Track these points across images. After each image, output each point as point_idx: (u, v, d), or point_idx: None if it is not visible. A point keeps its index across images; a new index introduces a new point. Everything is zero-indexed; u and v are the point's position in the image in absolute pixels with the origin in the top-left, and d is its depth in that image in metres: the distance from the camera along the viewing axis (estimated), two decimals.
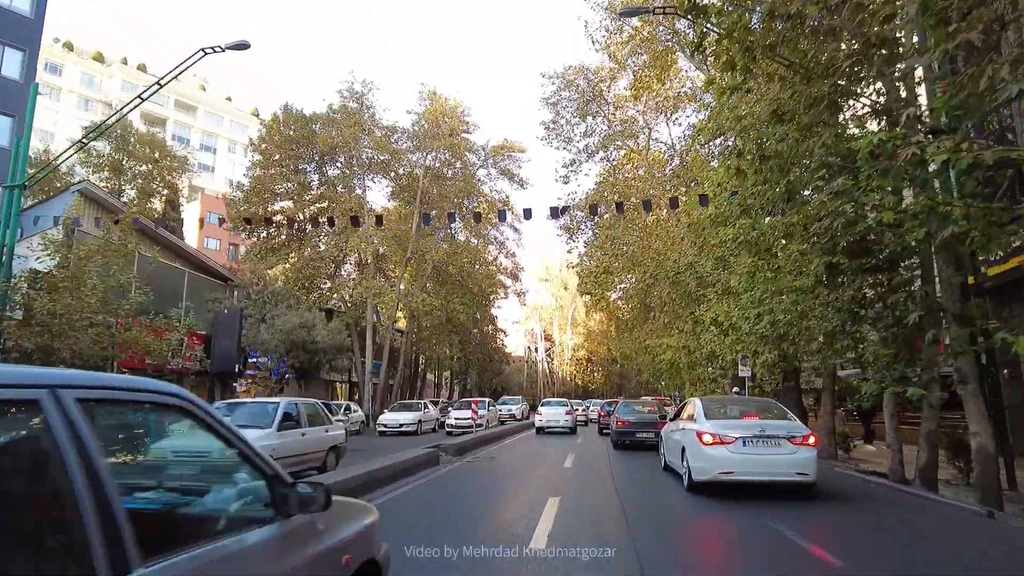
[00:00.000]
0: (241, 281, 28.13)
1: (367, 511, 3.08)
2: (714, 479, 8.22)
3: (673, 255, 21.74)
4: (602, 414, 25.82)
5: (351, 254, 34.16)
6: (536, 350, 72.35)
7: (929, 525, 7.36)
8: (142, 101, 14.43)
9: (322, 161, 33.88)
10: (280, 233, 33.24)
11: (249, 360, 25.99)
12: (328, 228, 33.44)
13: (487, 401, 27.95)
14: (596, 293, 28.60)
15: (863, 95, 9.09)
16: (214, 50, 14.15)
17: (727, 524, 7.23)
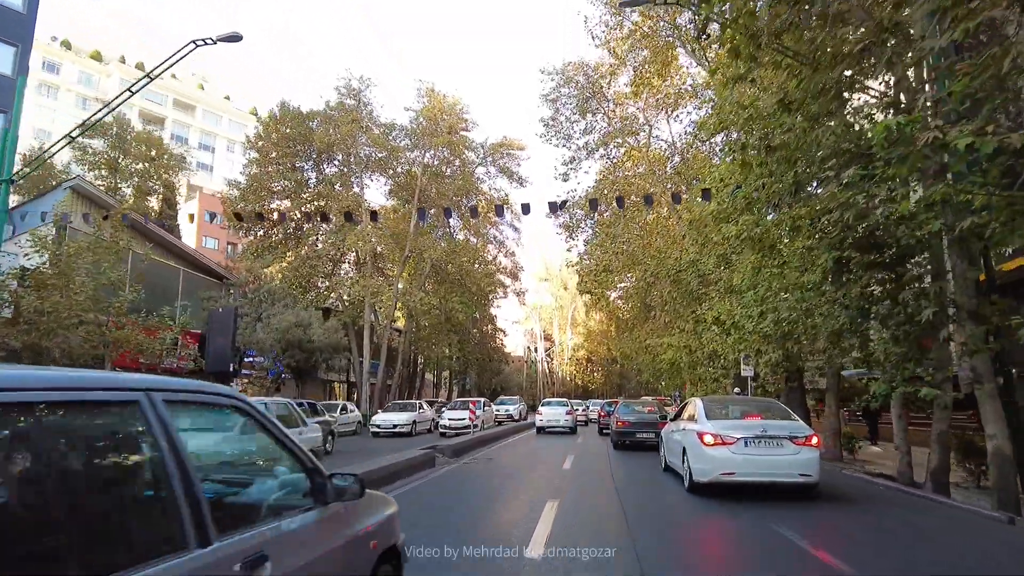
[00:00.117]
0: (237, 279, 27.81)
1: (388, 503, 3.40)
2: (715, 480, 8.09)
3: (674, 253, 21.42)
4: (602, 414, 25.65)
5: (349, 252, 33.83)
6: (536, 350, 72.00)
7: (943, 531, 7.05)
8: (132, 94, 14.15)
9: (319, 159, 33.55)
10: (277, 231, 32.95)
11: (245, 359, 25.66)
12: (325, 226, 33.24)
13: (483, 401, 27.16)
14: (596, 292, 28.29)
15: (870, 87, 8.80)
16: (205, 42, 13.89)
17: (731, 527, 6.95)
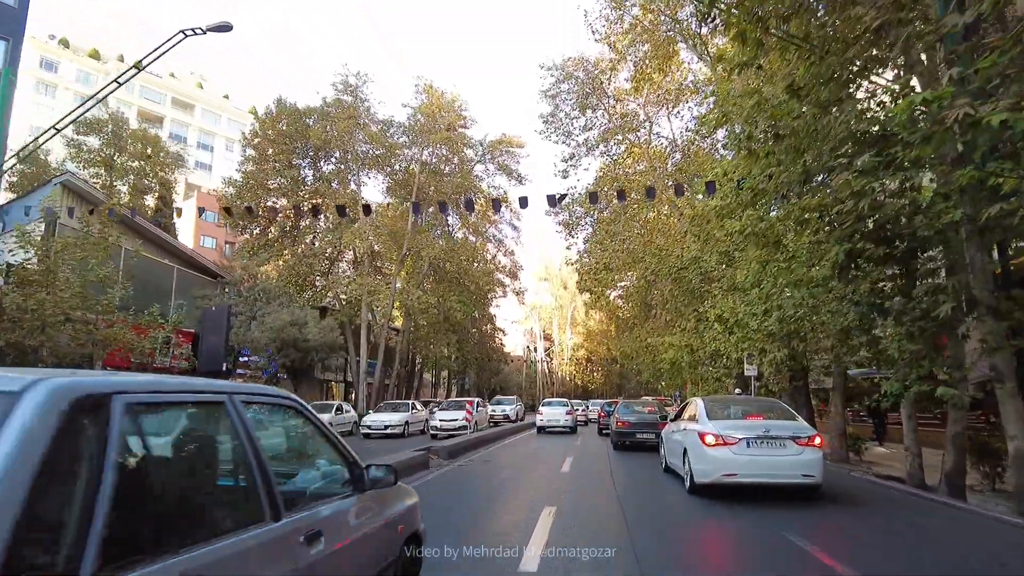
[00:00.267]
0: (232, 278, 27.42)
1: (412, 494, 3.74)
2: (717, 481, 7.90)
3: (676, 250, 21.04)
4: (601, 415, 25.53)
5: (346, 251, 33.43)
6: (535, 350, 71.58)
7: (962, 537, 6.69)
8: (120, 85, 13.82)
9: (316, 156, 33.16)
10: (273, 229, 32.57)
11: (240, 359, 25.27)
12: (321, 224, 32.85)
13: (476, 401, 26.19)
14: (596, 290, 27.93)
15: (881, 74, 8.43)
16: (195, 32, 13.55)
17: (737, 532, 6.63)
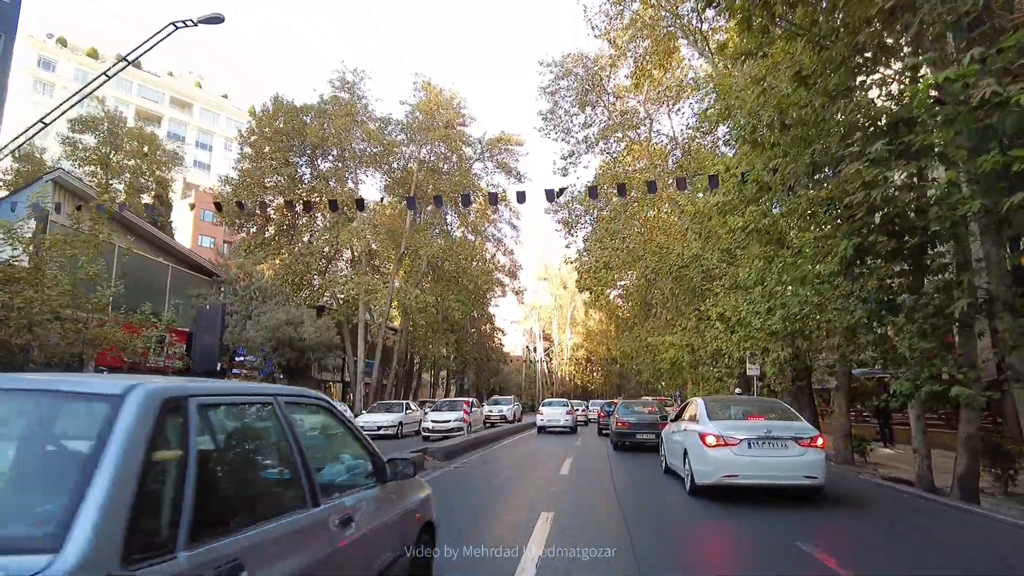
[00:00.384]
0: (227, 277, 27.10)
1: (425, 486, 3.98)
2: (718, 483, 7.80)
3: (676, 248, 20.73)
4: (601, 415, 25.39)
5: (343, 249, 33.11)
6: (535, 350, 71.25)
7: (970, 540, 6.39)
8: (108, 79, 13.50)
9: (314, 154, 32.85)
10: (270, 227, 32.27)
11: (236, 358, 24.96)
12: (318, 222, 32.52)
13: (471, 402, 25.46)
14: (596, 289, 27.64)
15: (892, 66, 8.13)
16: (185, 23, 13.29)
17: (743, 537, 6.31)
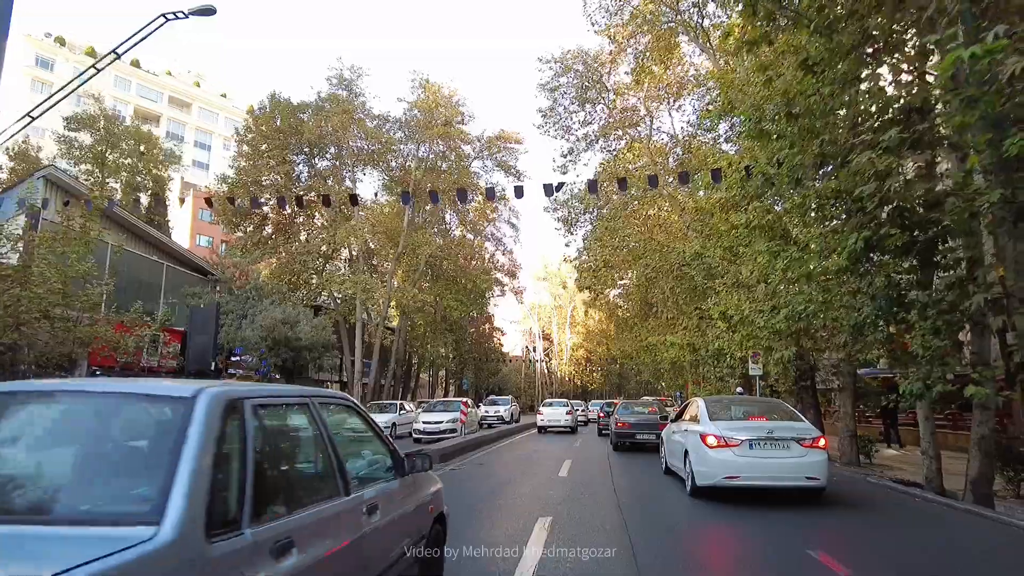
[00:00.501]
0: (223, 276, 26.80)
1: (437, 480, 4.24)
2: (719, 484, 7.74)
3: (678, 247, 20.43)
4: (601, 415, 25.36)
5: (341, 247, 32.79)
6: (534, 350, 70.92)
7: (1005, 554, 6.10)
8: (98, 71, 13.16)
9: (311, 152, 32.54)
10: (267, 225, 31.97)
11: (232, 358, 24.66)
12: (316, 220, 32.19)
13: (467, 402, 24.49)
14: (596, 288, 27.37)
15: (902, 51, 7.84)
16: (176, 15, 12.94)
17: (746, 541, 6.03)
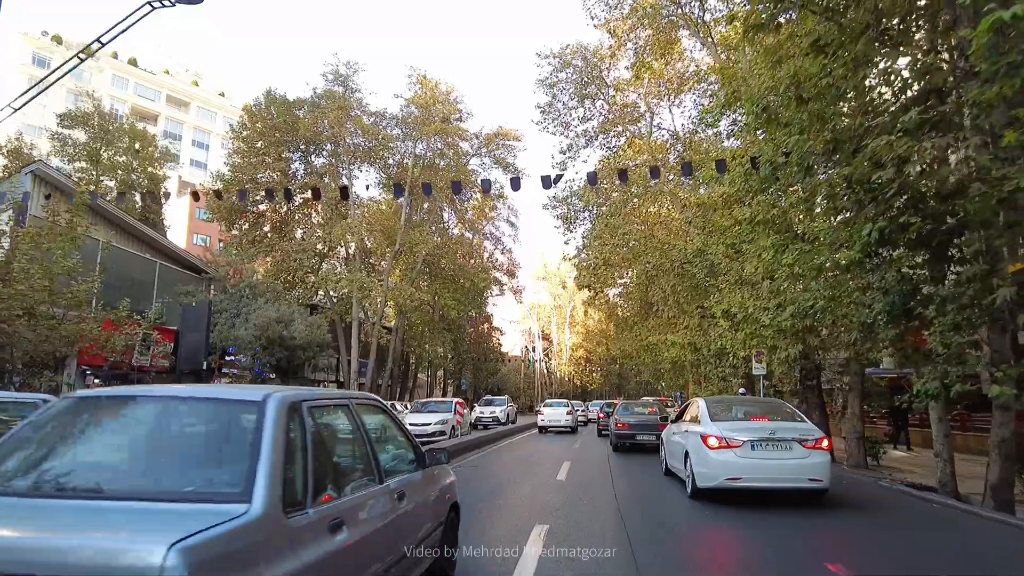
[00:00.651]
0: (216, 274, 26.39)
1: (451, 473, 4.77)
2: (720, 486, 7.63)
3: (679, 244, 20.06)
4: (601, 415, 25.07)
5: (337, 246, 32.42)
6: (533, 350, 70.55)
7: (1007, 552, 5.73)
8: (81, 61, 12.73)
9: (307, 149, 32.19)
10: (263, 222, 31.61)
11: (227, 357, 24.28)
12: (310, 217, 31.83)
13: (461, 402, 23.63)
14: (595, 286, 27.02)
15: (918, 30, 7.48)
16: (163, 4, 12.60)
17: (750, 544, 5.69)
